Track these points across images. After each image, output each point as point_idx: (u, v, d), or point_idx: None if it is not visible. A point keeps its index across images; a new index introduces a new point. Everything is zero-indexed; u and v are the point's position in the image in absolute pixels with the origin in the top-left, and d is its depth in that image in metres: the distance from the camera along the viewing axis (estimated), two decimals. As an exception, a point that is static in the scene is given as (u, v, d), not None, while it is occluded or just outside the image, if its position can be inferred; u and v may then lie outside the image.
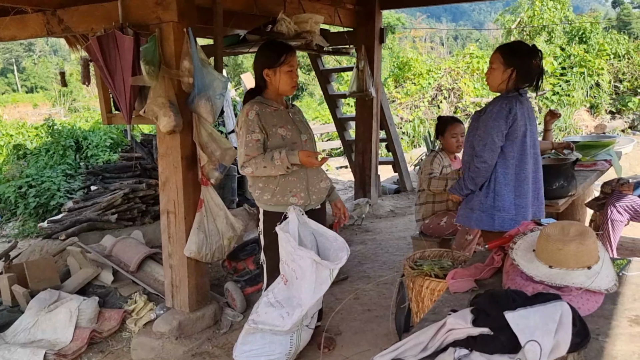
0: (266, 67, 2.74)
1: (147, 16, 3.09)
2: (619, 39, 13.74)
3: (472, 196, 2.85)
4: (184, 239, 3.26)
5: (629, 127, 12.13)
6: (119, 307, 3.61)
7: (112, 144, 9.55)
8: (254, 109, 2.72)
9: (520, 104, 2.73)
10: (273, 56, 2.74)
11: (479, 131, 2.74)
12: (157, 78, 3.00)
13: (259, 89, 2.85)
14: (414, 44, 20.95)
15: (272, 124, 2.74)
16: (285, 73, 2.74)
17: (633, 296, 1.87)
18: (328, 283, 2.65)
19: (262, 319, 2.80)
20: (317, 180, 2.86)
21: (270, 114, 2.76)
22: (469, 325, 1.51)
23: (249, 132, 2.70)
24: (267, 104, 2.79)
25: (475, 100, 12.90)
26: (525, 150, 2.78)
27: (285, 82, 2.76)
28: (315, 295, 2.63)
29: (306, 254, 2.59)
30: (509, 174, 2.77)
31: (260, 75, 2.78)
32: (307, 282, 2.61)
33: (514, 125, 2.70)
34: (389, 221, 5.78)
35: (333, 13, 5.17)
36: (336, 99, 7.07)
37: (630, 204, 3.77)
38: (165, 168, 3.28)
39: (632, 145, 8.89)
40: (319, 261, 2.56)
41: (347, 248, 2.68)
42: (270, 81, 2.77)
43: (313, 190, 2.83)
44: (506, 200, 2.76)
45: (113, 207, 4.75)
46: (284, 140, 2.75)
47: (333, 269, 2.61)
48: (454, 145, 3.85)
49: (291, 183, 2.76)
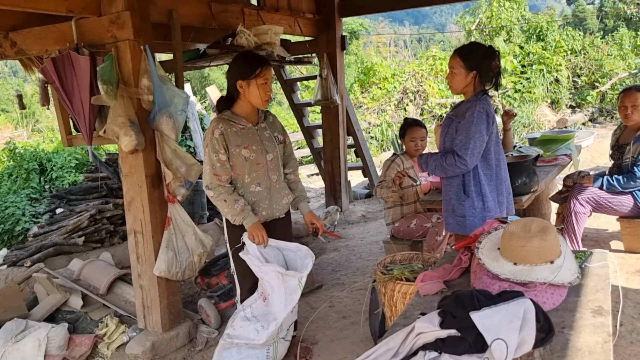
0: (240, 78, 2.70)
1: (103, 35, 3.05)
2: (574, 35, 14.16)
3: (462, 203, 2.81)
4: (153, 259, 3.21)
5: (589, 120, 12.46)
6: (89, 332, 3.52)
7: (78, 164, 9.33)
8: (219, 127, 2.70)
9: (489, 104, 2.77)
10: (248, 68, 2.70)
11: (460, 136, 2.72)
12: (115, 97, 2.96)
13: (230, 99, 2.81)
14: (378, 49, 21.15)
15: (236, 144, 2.72)
16: (260, 86, 2.71)
17: (595, 287, 1.92)
18: (298, 292, 2.69)
19: (238, 333, 2.78)
20: (279, 197, 2.91)
21: (236, 133, 2.73)
22: (437, 328, 1.52)
23: (214, 152, 2.69)
24: (234, 121, 2.75)
25: (440, 101, 13.09)
26: (499, 149, 2.85)
27: (258, 95, 2.72)
28: (287, 306, 2.65)
29: (270, 268, 2.64)
30: (491, 175, 2.80)
31: (233, 86, 2.74)
32: (277, 295, 2.63)
33: (491, 127, 2.74)
34: (361, 226, 5.80)
35: (293, 23, 5.18)
36: (302, 108, 7.08)
37: (591, 196, 3.87)
38: (129, 188, 3.23)
39: (593, 138, 9.16)
40: (284, 272, 2.61)
41: (312, 254, 2.75)
42: (243, 93, 2.73)
43: (276, 208, 2.89)
44: (492, 201, 2.79)
45: (80, 230, 4.65)
46: (247, 161, 2.74)
47: (300, 277, 2.66)
48: (413, 148, 3.90)
49: (254, 203, 2.81)
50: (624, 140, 3.98)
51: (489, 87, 2.82)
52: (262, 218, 2.83)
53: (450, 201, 2.88)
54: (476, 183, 2.78)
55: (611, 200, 3.85)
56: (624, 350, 2.70)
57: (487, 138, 2.73)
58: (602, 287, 1.91)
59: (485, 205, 2.79)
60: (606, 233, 4.51)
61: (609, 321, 1.67)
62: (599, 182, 3.88)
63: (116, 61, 3.00)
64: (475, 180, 2.78)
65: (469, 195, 2.78)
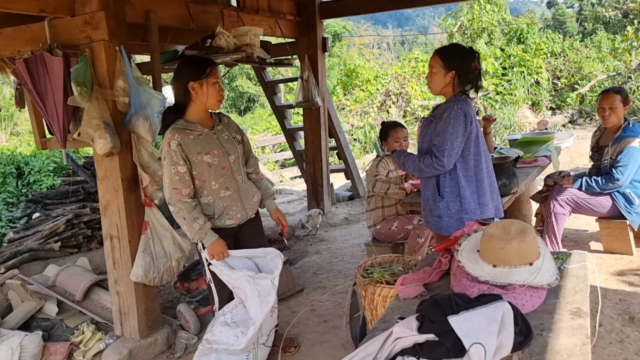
0: (191, 80, 2.62)
1: (77, 36, 2.99)
2: (554, 38, 14.36)
3: (437, 204, 2.78)
4: (130, 264, 3.15)
5: (569, 122, 12.62)
6: (65, 340, 3.44)
7: (56, 168, 9.18)
8: (175, 138, 2.60)
9: (468, 105, 2.75)
10: (198, 69, 2.64)
11: (438, 137, 2.69)
12: (90, 99, 2.89)
13: (180, 108, 2.71)
14: (361, 51, 21.20)
15: (197, 151, 2.65)
16: (212, 85, 2.66)
17: (574, 289, 1.91)
18: (272, 293, 2.67)
19: (217, 338, 2.74)
20: (249, 197, 2.89)
21: (194, 140, 2.65)
22: (415, 333, 1.50)
23: (172, 164, 2.60)
24: (189, 129, 2.67)
25: (423, 103, 13.15)
26: (479, 150, 2.80)
27: (212, 94, 2.67)
28: (263, 308, 2.64)
29: (239, 274, 2.63)
30: (470, 176, 2.76)
31: (184, 90, 2.65)
32: (251, 299, 2.62)
33: (470, 128, 2.71)
34: (343, 229, 5.78)
35: (274, 25, 5.15)
36: (284, 110, 7.05)
37: (570, 197, 3.90)
38: (105, 192, 3.16)
39: (572, 139, 9.28)
40: (254, 275, 2.61)
41: (281, 254, 2.76)
42: (196, 95, 2.65)
43: (248, 207, 2.87)
44: (471, 202, 2.75)
45: (56, 235, 4.56)
46: (211, 167, 2.68)
47: (272, 278, 2.66)
48: (397, 149, 3.88)
49: (227, 207, 2.77)
50: (603, 141, 4.02)
51: (469, 89, 2.80)
52: (237, 221, 2.80)
53: (427, 201, 2.86)
54: (453, 184, 2.75)
55: (590, 201, 3.88)
56: (603, 351, 2.71)
57: (464, 139, 2.70)
58: (581, 289, 1.90)
59: (463, 207, 2.74)
60: (586, 234, 4.55)
61: (588, 323, 1.66)
62: (578, 183, 3.91)
63: (91, 62, 2.93)
64: (453, 181, 2.75)
65: (443, 196, 2.76)
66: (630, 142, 3.75)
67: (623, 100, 3.85)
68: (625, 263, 3.82)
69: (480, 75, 2.80)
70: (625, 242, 3.93)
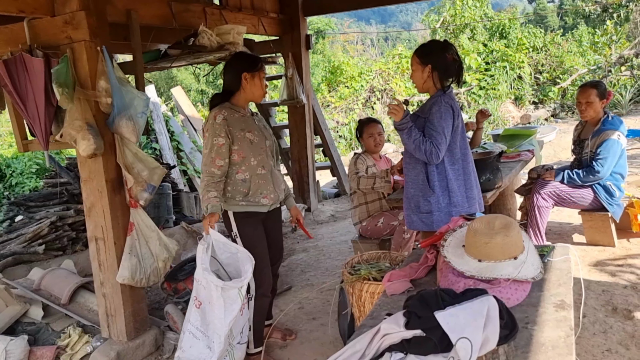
0: (246, 70, 2.86)
1: (57, 36, 2.94)
2: (535, 33, 14.49)
3: (427, 199, 2.79)
4: (116, 266, 3.12)
5: (552, 116, 12.77)
6: (51, 344, 3.40)
7: (39, 170, 9.06)
8: (221, 113, 2.82)
9: (452, 99, 2.80)
10: (253, 61, 2.91)
11: (434, 131, 2.70)
12: (72, 100, 2.86)
13: (227, 94, 2.93)
14: (345, 48, 21.20)
15: (240, 128, 2.85)
16: (261, 79, 2.91)
17: (558, 281, 1.94)
18: (238, 302, 2.64)
19: (187, 355, 2.70)
20: (279, 183, 3.07)
21: (238, 119, 2.87)
22: (402, 329, 1.51)
23: (215, 136, 2.78)
24: (235, 109, 2.89)
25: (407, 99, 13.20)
26: (465, 144, 2.87)
27: (259, 87, 2.91)
28: (227, 318, 2.60)
29: (210, 278, 2.61)
30: (458, 169, 2.81)
31: (236, 79, 2.87)
32: (216, 308, 2.60)
33: (457, 121, 2.77)
34: (330, 226, 5.79)
35: (257, 23, 5.13)
36: (269, 108, 7.03)
37: (553, 190, 3.95)
38: (89, 193, 3.13)
39: (555, 133, 9.39)
40: (222, 285, 2.60)
41: (252, 259, 2.73)
42: (247, 84, 2.88)
43: (278, 191, 3.04)
44: (459, 195, 2.79)
45: (40, 238, 4.49)
46: (252, 144, 2.87)
47: (240, 287, 2.64)
48: (372, 144, 3.94)
49: (262, 186, 2.91)
50: (584, 135, 4.08)
51: (450, 82, 2.84)
52: (270, 201, 2.96)
53: (412, 198, 2.86)
54: (442, 178, 2.78)
55: (572, 193, 3.93)
56: (587, 342, 2.75)
57: (451, 132, 2.75)
58: (565, 281, 1.93)
59: (451, 200, 2.78)
60: (569, 226, 4.61)
61: (571, 315, 1.69)
62: (560, 176, 3.96)
63: (72, 63, 2.90)
64: (441, 175, 2.78)
65: (434, 190, 2.77)
66: (610, 135, 3.81)
67: (600, 94, 3.91)
68: (608, 254, 3.88)
69: (461, 67, 2.83)
70: (607, 234, 4.00)
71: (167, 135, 8.59)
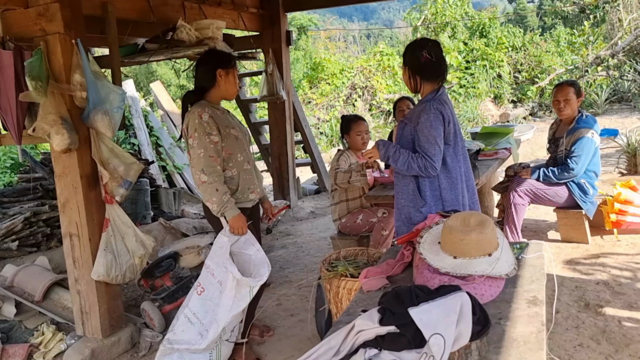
0: (220, 67, 2.81)
1: (30, 28, 2.88)
2: (515, 32, 14.67)
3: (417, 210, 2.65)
4: (91, 262, 3.08)
5: (530, 114, 12.93)
6: (24, 341, 3.34)
7: (13, 164, 8.89)
8: (206, 111, 2.75)
9: (443, 104, 2.64)
10: (226, 58, 2.90)
11: (425, 141, 2.58)
12: (46, 94, 2.80)
13: (201, 91, 2.86)
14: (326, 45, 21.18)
15: (225, 125, 2.81)
16: (235, 76, 2.89)
17: (530, 278, 1.97)
18: (247, 300, 2.66)
19: (179, 338, 2.70)
20: (260, 177, 3.09)
21: (220, 116, 2.83)
22: (377, 325, 1.52)
23: (206, 134, 2.70)
24: (214, 107, 2.85)
25: (388, 96, 13.26)
26: (457, 150, 2.71)
27: (233, 84, 2.89)
28: (232, 311, 2.61)
29: (231, 268, 2.61)
30: (451, 177, 2.67)
31: (211, 75, 2.81)
32: (226, 298, 2.58)
33: (448, 128, 2.62)
34: (309, 222, 5.79)
35: (237, 18, 5.09)
36: (249, 104, 7.00)
37: (529, 188, 4.00)
38: (63, 189, 3.08)
39: (533, 132, 9.51)
40: (240, 278, 2.58)
41: (268, 263, 2.75)
42: (221, 81, 2.83)
43: (261, 186, 3.06)
44: (454, 205, 2.66)
45: (13, 234, 4.40)
46: (237, 140, 2.85)
47: (253, 287, 2.62)
48: (359, 142, 3.90)
49: (249, 181, 2.90)
50: (559, 133, 4.14)
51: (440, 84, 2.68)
52: (257, 195, 2.97)
53: (403, 209, 2.72)
54: (434, 187, 2.64)
55: (547, 191, 3.99)
56: (560, 337, 2.80)
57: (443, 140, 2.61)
58: (538, 278, 1.96)
59: (445, 208, 2.62)
60: (545, 224, 4.68)
61: (543, 311, 1.71)
62: (536, 174, 4.02)
63: (46, 56, 2.84)
64: (433, 184, 2.65)
65: (426, 200, 2.64)
66: (584, 133, 3.88)
67: (576, 92, 3.98)
68: (582, 252, 3.95)
69: (443, 65, 2.68)
70: (581, 231, 4.06)
71: (146, 130, 8.49)
